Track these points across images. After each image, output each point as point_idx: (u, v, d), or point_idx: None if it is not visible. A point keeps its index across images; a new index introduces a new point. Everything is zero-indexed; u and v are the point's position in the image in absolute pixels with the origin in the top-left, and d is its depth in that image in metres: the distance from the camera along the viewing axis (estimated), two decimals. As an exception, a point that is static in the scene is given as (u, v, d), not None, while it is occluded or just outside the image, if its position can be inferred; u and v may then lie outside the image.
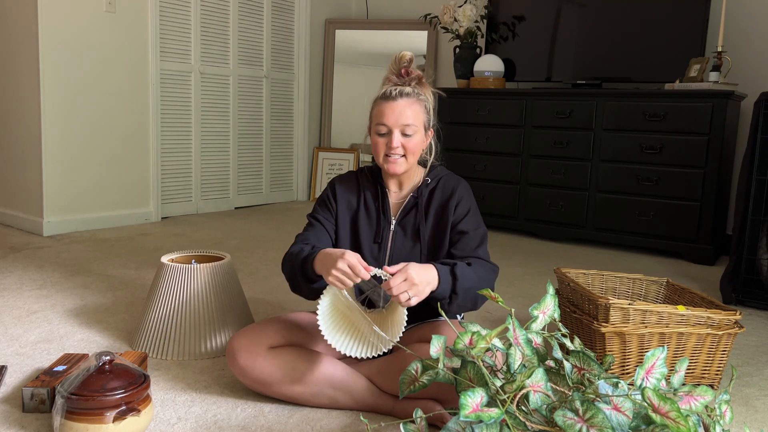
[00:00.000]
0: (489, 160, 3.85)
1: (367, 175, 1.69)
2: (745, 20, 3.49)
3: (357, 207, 1.65)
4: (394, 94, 1.56)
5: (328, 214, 1.65)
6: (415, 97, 1.57)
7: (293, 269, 1.52)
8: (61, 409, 1.30)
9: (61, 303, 2.28)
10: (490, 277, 1.52)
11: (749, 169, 2.54)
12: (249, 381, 1.52)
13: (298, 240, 1.60)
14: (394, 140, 1.54)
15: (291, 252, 1.56)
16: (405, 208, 1.63)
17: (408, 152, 1.56)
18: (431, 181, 1.64)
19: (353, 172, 1.71)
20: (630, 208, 3.42)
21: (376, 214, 1.64)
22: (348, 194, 1.66)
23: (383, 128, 1.56)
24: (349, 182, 1.68)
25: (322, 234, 1.62)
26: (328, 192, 1.67)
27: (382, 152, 1.57)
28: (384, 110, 1.55)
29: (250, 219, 4.04)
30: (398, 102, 1.55)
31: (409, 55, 1.60)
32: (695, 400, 1.12)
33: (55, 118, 3.33)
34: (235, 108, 4.33)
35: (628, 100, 3.39)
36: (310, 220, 1.66)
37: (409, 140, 1.56)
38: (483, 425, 1.05)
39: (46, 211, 3.34)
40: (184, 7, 3.93)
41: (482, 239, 1.58)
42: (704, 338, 1.70)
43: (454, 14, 4.10)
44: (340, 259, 1.35)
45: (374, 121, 1.58)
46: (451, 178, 1.65)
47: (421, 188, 1.64)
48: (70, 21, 3.33)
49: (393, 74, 1.61)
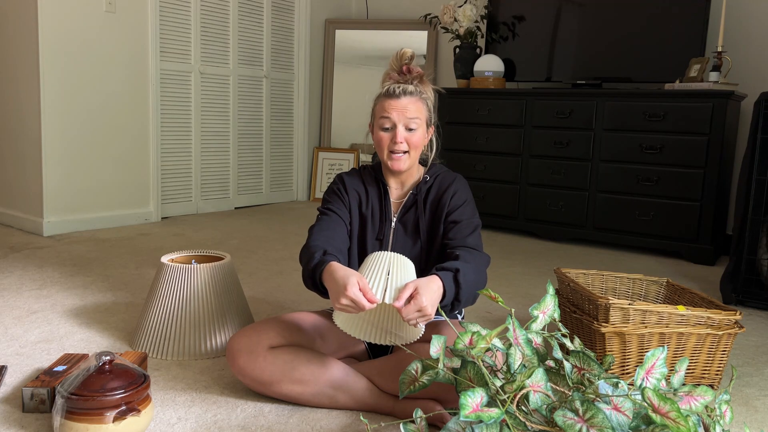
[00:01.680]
0: (489, 160, 3.85)
1: (370, 172, 1.70)
2: (745, 20, 3.49)
3: (363, 202, 1.66)
4: (398, 91, 1.57)
5: (341, 204, 1.64)
6: (417, 95, 1.59)
7: (305, 273, 1.51)
8: (61, 409, 1.30)
9: (61, 303, 2.28)
10: (484, 269, 1.53)
11: (749, 169, 2.54)
12: (249, 381, 1.52)
13: (313, 234, 1.57)
14: (399, 134, 1.56)
15: (307, 248, 1.53)
16: (405, 205, 1.64)
17: (411, 147, 1.58)
18: (429, 178, 1.66)
19: (356, 169, 1.72)
20: (630, 208, 3.42)
21: (378, 212, 1.65)
22: (356, 188, 1.67)
23: (387, 122, 1.57)
24: (355, 177, 1.70)
25: (337, 225, 1.60)
26: (338, 184, 1.67)
27: (386, 148, 1.58)
28: (388, 105, 1.57)
29: (250, 219, 4.04)
30: (402, 99, 1.57)
31: (411, 52, 1.62)
32: (695, 400, 1.12)
33: (55, 118, 3.33)
34: (235, 108, 4.33)
35: (628, 100, 3.39)
36: (323, 212, 1.64)
37: (413, 135, 1.57)
38: (483, 425, 1.05)
39: (46, 211, 3.34)
40: (184, 7, 3.93)
41: (475, 228, 1.59)
42: (704, 338, 1.70)
43: (454, 14, 4.10)
44: (343, 296, 1.31)
45: (378, 115, 1.59)
46: (448, 174, 1.68)
47: (420, 186, 1.65)
48: (70, 21, 3.33)
49: (394, 71, 1.62)
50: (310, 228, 1.61)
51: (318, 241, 1.54)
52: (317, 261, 1.47)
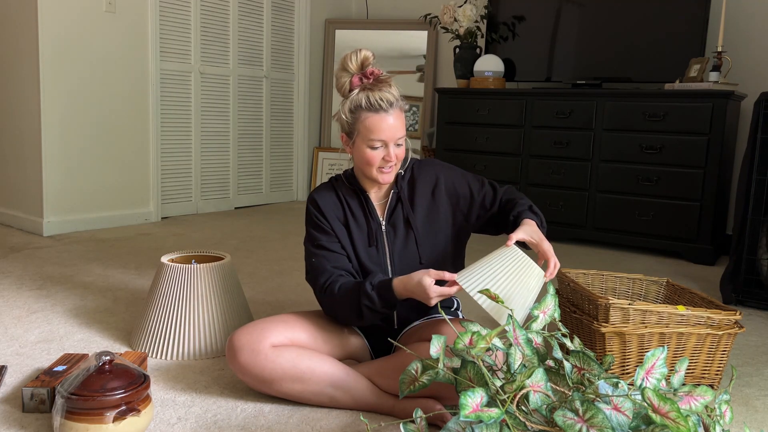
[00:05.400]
0: (489, 160, 3.85)
1: (344, 182, 1.65)
2: (745, 20, 3.49)
3: (345, 217, 1.62)
4: (383, 106, 1.51)
5: (327, 236, 1.60)
6: (397, 106, 1.54)
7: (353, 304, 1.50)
8: (61, 409, 1.30)
9: (61, 303, 2.28)
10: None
11: (749, 169, 2.54)
12: (249, 379, 1.52)
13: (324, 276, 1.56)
14: (392, 154, 1.53)
15: (337, 290, 1.53)
16: (390, 206, 1.63)
17: (398, 160, 1.57)
18: (404, 172, 1.65)
19: (328, 183, 1.66)
20: (630, 208, 3.42)
21: (364, 220, 1.62)
22: (332, 206, 1.62)
23: (378, 143, 1.52)
24: (328, 194, 1.64)
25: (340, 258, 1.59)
26: (313, 212, 1.62)
27: (377, 165, 1.54)
28: (378, 124, 1.51)
29: (250, 219, 4.04)
30: (390, 114, 1.52)
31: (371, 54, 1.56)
32: (695, 400, 1.12)
33: (55, 118, 3.33)
34: (235, 108, 4.33)
35: (628, 100, 3.39)
36: (315, 252, 1.59)
37: (400, 149, 1.56)
38: (483, 425, 1.05)
39: (46, 211, 3.34)
40: (184, 7, 3.93)
41: (489, 183, 1.68)
42: (704, 338, 1.70)
43: (454, 14, 4.10)
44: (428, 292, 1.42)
45: (365, 134, 1.52)
46: (422, 165, 1.67)
47: (399, 183, 1.64)
48: (70, 21, 3.33)
49: (356, 75, 1.55)
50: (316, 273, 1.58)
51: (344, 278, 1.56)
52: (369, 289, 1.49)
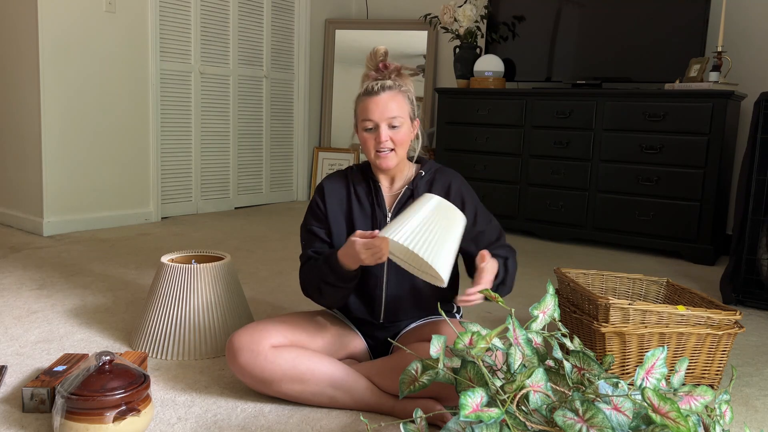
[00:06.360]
0: (489, 160, 3.85)
1: (357, 172, 1.68)
2: (745, 20, 3.49)
3: (349, 203, 1.64)
4: (376, 88, 1.55)
5: (318, 223, 1.65)
6: (397, 89, 1.56)
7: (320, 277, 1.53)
8: (61, 409, 1.30)
9: (61, 303, 2.28)
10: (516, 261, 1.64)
11: (749, 169, 2.54)
12: (249, 379, 1.52)
13: (303, 258, 1.64)
14: (382, 134, 1.54)
15: (307, 267, 1.59)
16: (401, 200, 1.63)
17: (397, 145, 1.56)
18: (425, 174, 1.65)
19: (343, 170, 1.70)
20: (630, 208, 3.42)
21: (371, 208, 1.63)
22: (337, 192, 1.65)
23: (369, 123, 1.55)
24: (337, 180, 1.68)
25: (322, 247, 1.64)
26: (316, 198, 1.67)
27: (372, 148, 1.57)
28: (368, 105, 1.55)
29: (250, 219, 4.04)
30: (381, 96, 1.55)
31: (384, 49, 1.60)
32: (695, 400, 1.12)
33: (55, 118, 3.33)
34: (235, 108, 4.33)
35: (628, 100, 3.39)
36: (303, 235, 1.68)
37: (397, 132, 1.55)
38: (483, 425, 1.05)
39: (46, 211, 3.34)
40: (184, 7, 3.93)
41: (498, 229, 1.68)
42: (704, 338, 1.70)
43: (454, 14, 4.10)
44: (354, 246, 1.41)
45: (360, 117, 1.58)
46: (446, 172, 1.67)
47: (416, 180, 1.63)
48: (70, 21, 3.33)
49: (371, 70, 1.61)
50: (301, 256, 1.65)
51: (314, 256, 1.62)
52: (322, 262, 1.53)
